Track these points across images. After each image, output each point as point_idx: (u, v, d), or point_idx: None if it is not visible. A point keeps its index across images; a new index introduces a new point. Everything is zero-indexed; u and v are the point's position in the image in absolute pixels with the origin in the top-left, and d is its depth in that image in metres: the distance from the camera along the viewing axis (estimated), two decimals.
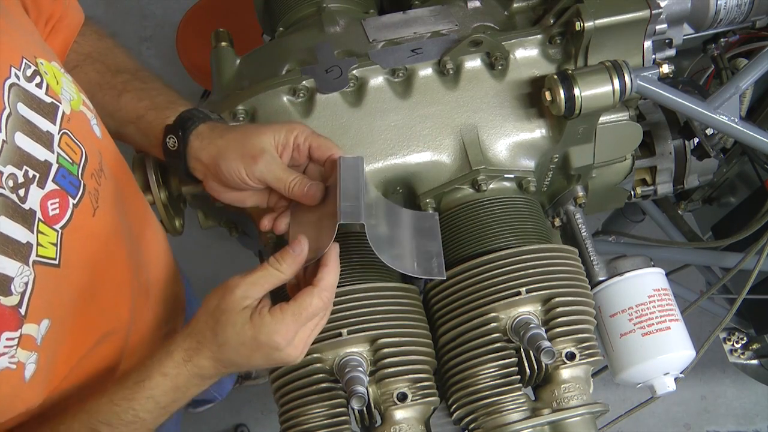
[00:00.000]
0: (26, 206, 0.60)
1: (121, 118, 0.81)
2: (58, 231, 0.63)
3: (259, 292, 0.68)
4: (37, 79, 0.63)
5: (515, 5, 0.94)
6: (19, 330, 0.58)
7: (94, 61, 0.84)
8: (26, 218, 0.60)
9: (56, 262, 0.63)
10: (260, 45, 0.99)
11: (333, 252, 0.70)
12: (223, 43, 0.94)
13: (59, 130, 0.64)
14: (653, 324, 0.86)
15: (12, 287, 0.58)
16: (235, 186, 0.75)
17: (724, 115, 0.88)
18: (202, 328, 0.68)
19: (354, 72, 0.86)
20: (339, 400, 0.76)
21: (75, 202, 0.65)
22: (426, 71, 0.87)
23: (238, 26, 1.17)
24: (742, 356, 1.42)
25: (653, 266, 0.91)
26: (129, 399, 0.67)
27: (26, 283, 0.59)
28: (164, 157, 0.79)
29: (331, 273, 0.69)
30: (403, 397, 0.76)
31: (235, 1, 1.95)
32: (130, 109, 0.81)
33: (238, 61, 0.93)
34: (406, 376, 0.77)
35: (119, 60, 0.86)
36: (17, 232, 0.58)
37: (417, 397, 0.77)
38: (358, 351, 0.77)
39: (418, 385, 0.78)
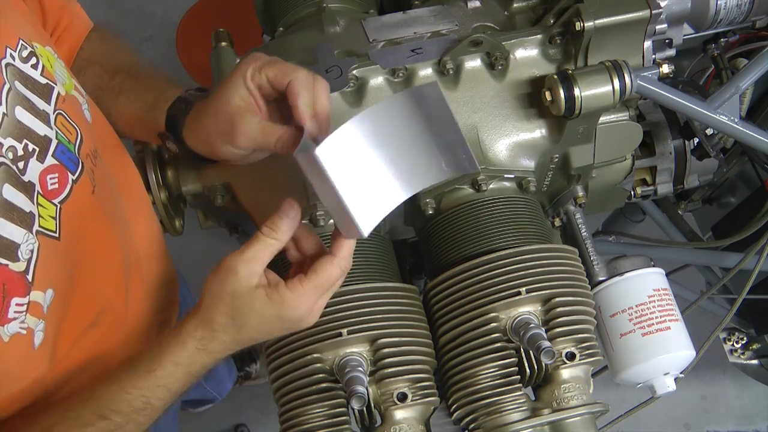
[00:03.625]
0: (26, 179, 0.60)
1: (127, 122, 0.82)
2: (56, 205, 0.63)
3: (261, 267, 0.66)
4: (33, 60, 0.64)
5: (515, 5, 0.94)
6: (27, 296, 0.59)
7: (94, 65, 0.84)
8: (27, 189, 0.60)
9: (56, 234, 0.63)
10: (260, 45, 0.99)
11: None
12: (223, 43, 0.94)
13: (54, 110, 0.65)
14: (653, 324, 0.86)
15: (19, 253, 0.58)
16: (233, 158, 0.73)
17: (724, 115, 0.88)
18: (214, 316, 0.66)
19: (354, 72, 0.86)
20: (339, 400, 0.76)
21: (74, 178, 0.66)
22: (426, 71, 0.87)
23: (238, 26, 1.17)
24: (742, 356, 1.42)
25: (653, 266, 0.91)
26: (140, 387, 0.66)
27: (32, 251, 0.59)
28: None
29: (348, 242, 0.67)
30: (403, 397, 0.76)
31: (235, 1, 1.95)
32: (129, 114, 0.81)
33: (238, 61, 0.93)
34: (406, 376, 0.77)
35: (117, 60, 0.86)
36: (21, 200, 0.59)
37: (417, 397, 0.77)
38: (358, 351, 0.77)
39: (418, 385, 0.78)
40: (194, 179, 0.90)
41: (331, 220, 0.85)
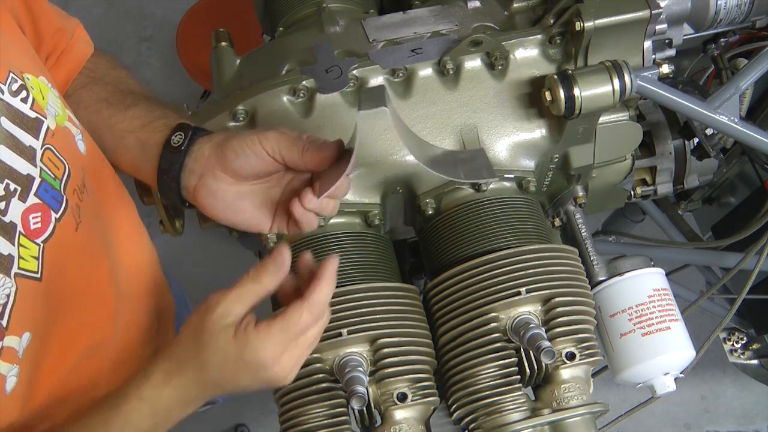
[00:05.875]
0: (7, 219, 0.59)
1: (122, 130, 0.77)
2: (39, 245, 0.63)
3: (240, 309, 0.63)
4: (23, 94, 0.63)
5: (515, 5, 0.94)
6: (1, 342, 0.58)
7: (105, 84, 0.83)
8: (7, 231, 0.59)
9: (38, 275, 0.62)
10: (260, 45, 0.99)
11: (330, 265, 0.65)
12: (223, 43, 0.94)
13: (42, 145, 0.64)
14: (653, 324, 0.86)
15: None
16: (243, 163, 0.69)
17: (724, 115, 0.88)
18: (183, 349, 0.64)
19: (354, 72, 0.86)
20: (339, 400, 0.76)
21: (57, 216, 0.65)
22: (426, 71, 0.87)
23: (238, 26, 1.17)
24: (742, 356, 1.42)
25: (653, 266, 0.91)
26: (105, 422, 0.63)
27: (8, 295, 0.59)
28: (160, 158, 0.73)
29: (323, 287, 0.64)
30: (403, 397, 0.76)
31: (235, 1, 1.95)
32: (138, 117, 0.77)
33: (238, 61, 0.93)
34: (406, 376, 0.77)
35: (131, 85, 0.84)
36: None
37: (417, 397, 0.77)
38: (358, 351, 0.77)
39: (418, 385, 0.78)
40: None
41: (334, 219, 0.85)
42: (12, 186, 0.60)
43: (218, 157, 0.70)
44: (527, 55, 0.89)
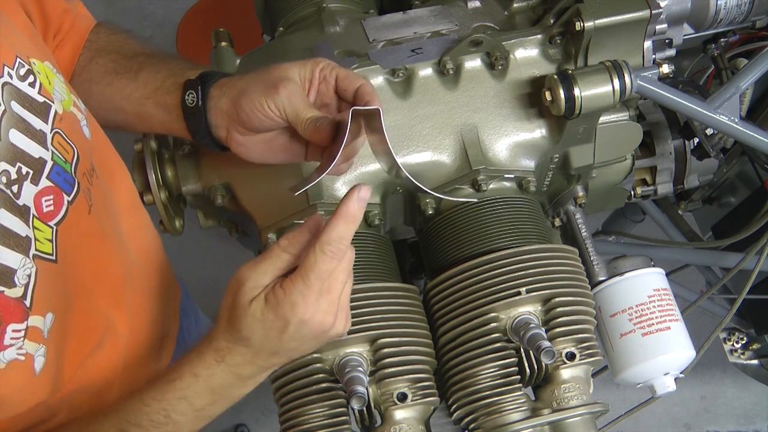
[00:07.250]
0: (20, 202, 0.60)
1: (140, 97, 0.78)
2: (52, 227, 0.63)
3: (269, 279, 0.63)
4: (30, 79, 0.64)
5: (515, 5, 0.94)
6: (25, 322, 0.59)
7: (108, 53, 0.83)
8: (22, 213, 0.60)
9: (53, 257, 0.63)
10: (260, 45, 0.99)
11: (344, 204, 0.61)
12: (223, 43, 0.94)
13: (51, 129, 0.65)
14: (653, 324, 0.86)
15: (15, 279, 0.58)
16: (258, 125, 0.70)
17: (724, 115, 0.88)
18: (227, 327, 0.64)
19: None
20: (339, 400, 0.76)
21: (70, 199, 0.65)
22: (426, 71, 0.87)
23: (238, 26, 1.17)
24: (742, 356, 1.42)
25: (653, 266, 0.91)
26: (159, 399, 0.64)
27: (29, 276, 0.59)
28: (185, 121, 0.75)
29: (334, 226, 0.60)
30: (403, 397, 0.76)
31: (235, 1, 1.95)
32: (149, 82, 0.78)
33: (238, 61, 0.93)
34: (406, 376, 0.77)
35: (133, 47, 0.85)
36: (16, 225, 0.59)
37: (417, 397, 0.77)
38: (358, 351, 0.77)
39: (418, 385, 0.78)
40: (194, 179, 0.90)
41: None
42: (24, 169, 0.61)
43: (236, 114, 0.72)
44: (527, 55, 0.89)
